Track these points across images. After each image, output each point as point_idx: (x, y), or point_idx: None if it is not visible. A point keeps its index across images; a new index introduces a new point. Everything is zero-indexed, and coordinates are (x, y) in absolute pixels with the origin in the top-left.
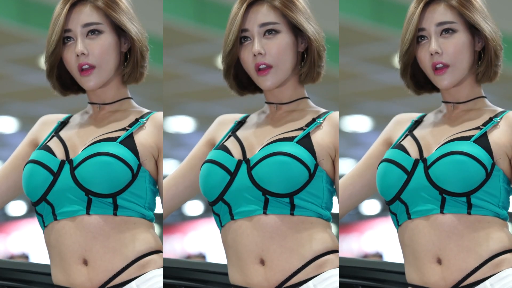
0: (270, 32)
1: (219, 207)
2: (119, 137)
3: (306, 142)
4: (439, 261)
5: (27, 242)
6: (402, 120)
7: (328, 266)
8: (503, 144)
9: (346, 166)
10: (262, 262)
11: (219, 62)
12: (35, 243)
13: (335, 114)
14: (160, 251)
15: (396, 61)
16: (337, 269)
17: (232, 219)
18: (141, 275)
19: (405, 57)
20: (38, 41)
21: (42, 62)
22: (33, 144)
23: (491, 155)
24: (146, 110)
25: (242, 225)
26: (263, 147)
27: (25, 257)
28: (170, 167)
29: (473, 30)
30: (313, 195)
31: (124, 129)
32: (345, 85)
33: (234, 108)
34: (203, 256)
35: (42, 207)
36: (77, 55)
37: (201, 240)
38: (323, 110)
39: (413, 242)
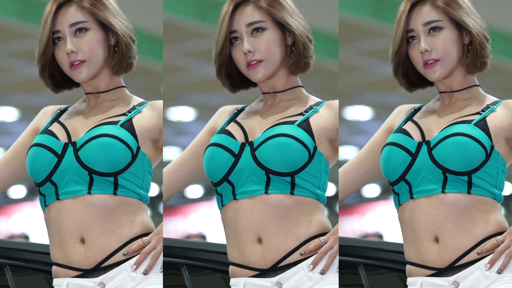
0: (257, 30)
1: (223, 187)
2: (119, 121)
3: (305, 125)
4: (437, 240)
5: (27, 223)
6: (402, 110)
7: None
8: (501, 127)
9: (348, 153)
10: (260, 240)
11: None
12: (35, 224)
13: (333, 101)
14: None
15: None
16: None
17: (235, 198)
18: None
19: (396, 57)
20: (36, 36)
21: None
22: (35, 133)
23: (490, 138)
24: (142, 100)
25: (243, 204)
26: (265, 130)
27: (25, 237)
28: (172, 154)
29: (460, 25)
30: (312, 176)
31: (123, 114)
32: (347, 77)
33: (232, 98)
34: (203, 237)
35: (46, 188)
36: (67, 54)
37: (202, 221)
38: (319, 100)
39: (413, 221)
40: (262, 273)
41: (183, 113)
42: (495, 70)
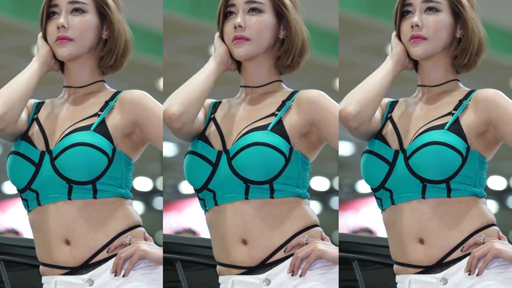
0: (254, 10)
1: (204, 194)
2: (92, 124)
3: (279, 128)
4: (421, 241)
5: (21, 219)
6: (382, 104)
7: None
8: (474, 124)
9: (344, 149)
10: (245, 242)
11: (213, 52)
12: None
13: (302, 93)
14: (139, 225)
15: (389, 50)
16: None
17: (216, 204)
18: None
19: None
20: (32, 32)
21: (36, 52)
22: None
23: (465, 139)
24: (115, 91)
25: (225, 210)
26: (240, 137)
27: (15, 232)
28: (167, 150)
29: (457, 16)
30: (290, 178)
31: (96, 114)
32: (343, 73)
33: (226, 94)
34: (197, 232)
35: (27, 194)
36: (58, 27)
37: (196, 217)
38: (292, 91)
39: (396, 225)
40: (250, 270)
41: None
42: (489, 65)
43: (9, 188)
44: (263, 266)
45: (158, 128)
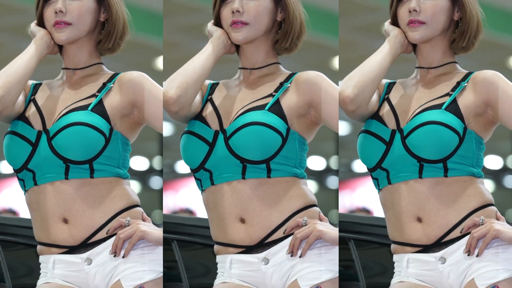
0: None
1: (201, 173)
2: (90, 104)
3: (276, 108)
4: (419, 220)
5: (17, 198)
6: (379, 86)
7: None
8: (471, 105)
9: (341, 128)
10: (242, 220)
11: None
12: (24, 199)
13: (301, 74)
14: (137, 205)
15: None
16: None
17: (213, 184)
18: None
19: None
20: (29, 11)
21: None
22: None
23: (462, 119)
24: (113, 73)
25: (221, 189)
26: (237, 116)
27: (13, 212)
28: (165, 130)
29: None
30: (287, 158)
31: (93, 95)
32: (339, 52)
33: (223, 73)
34: (193, 212)
35: (24, 174)
36: (56, 12)
37: (192, 196)
38: (290, 73)
39: (394, 204)
40: (248, 249)
41: None
42: (487, 45)
43: (5, 167)
44: (262, 245)
45: (156, 109)
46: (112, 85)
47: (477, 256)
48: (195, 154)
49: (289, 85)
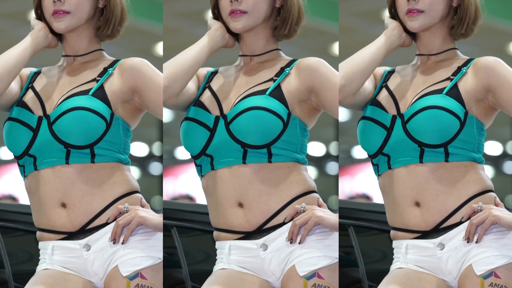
0: None
1: (202, 159)
2: (91, 89)
3: (277, 93)
4: (418, 204)
5: (17, 185)
6: (376, 73)
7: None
8: (472, 90)
9: (342, 115)
10: (241, 205)
11: (208, 16)
12: (24, 186)
13: (302, 60)
14: (137, 191)
15: (384, 16)
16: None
17: (213, 169)
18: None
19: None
20: None
21: (31, 17)
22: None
23: (463, 104)
24: (114, 59)
25: (221, 174)
26: (238, 101)
27: (13, 198)
28: (165, 116)
29: None
30: (288, 142)
31: (94, 80)
32: (340, 38)
33: (220, 59)
34: (193, 198)
35: (25, 160)
36: (54, 1)
37: (191, 183)
38: (291, 59)
39: (393, 189)
40: (247, 235)
41: None
42: (486, 31)
43: (5, 153)
44: (260, 231)
45: (157, 95)
46: (113, 70)
47: (476, 242)
48: (196, 140)
49: (290, 70)
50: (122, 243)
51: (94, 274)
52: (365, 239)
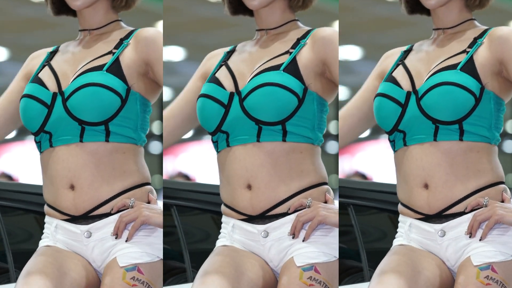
0: None
1: (218, 136)
2: (105, 64)
3: (292, 67)
4: (426, 186)
5: (17, 164)
6: (392, 54)
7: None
8: (487, 63)
9: (342, 93)
10: (250, 187)
11: None
12: (24, 164)
13: (318, 31)
14: (146, 183)
15: None
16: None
17: (228, 146)
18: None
19: None
20: None
21: None
22: (26, 78)
23: (479, 80)
24: (131, 29)
25: (236, 151)
26: (252, 77)
27: (8, 177)
28: (165, 94)
29: None
30: (304, 118)
31: (110, 52)
32: (340, 17)
33: (223, 38)
34: (192, 177)
35: (41, 136)
36: None
37: (191, 161)
38: (308, 29)
39: (405, 166)
40: (250, 218)
41: (173, 53)
42: (487, 9)
43: None
44: (263, 217)
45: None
46: (129, 41)
47: (480, 240)
48: (211, 117)
49: (306, 41)
50: (126, 241)
51: (93, 261)
52: (364, 218)
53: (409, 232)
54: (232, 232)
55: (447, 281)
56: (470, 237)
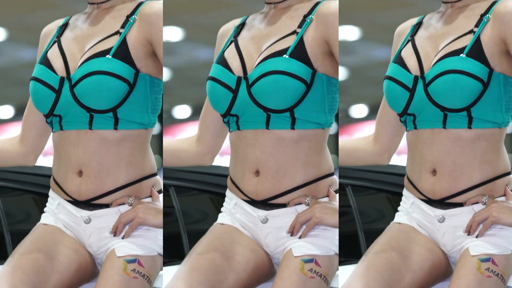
0: None
1: (228, 118)
2: (112, 47)
3: (299, 51)
4: (434, 173)
5: None
6: (402, 31)
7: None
8: (494, 44)
9: (341, 74)
10: (257, 173)
11: None
12: None
13: (322, 5)
14: (151, 175)
15: None
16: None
17: (239, 129)
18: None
19: None
20: None
21: None
22: None
23: (487, 63)
24: (138, 1)
25: (247, 135)
26: (259, 62)
27: None
28: (164, 74)
29: None
30: (314, 103)
31: (117, 32)
32: None
33: (222, 19)
34: None
35: (51, 118)
36: None
37: None
38: (314, 2)
39: (417, 149)
40: (253, 202)
41: (171, 33)
42: None
43: (3, 113)
44: (265, 204)
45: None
46: (135, 17)
47: (476, 237)
48: (220, 101)
49: (312, 17)
50: (123, 238)
51: (89, 246)
52: (362, 199)
53: (411, 210)
54: (234, 210)
55: (440, 266)
56: (468, 235)
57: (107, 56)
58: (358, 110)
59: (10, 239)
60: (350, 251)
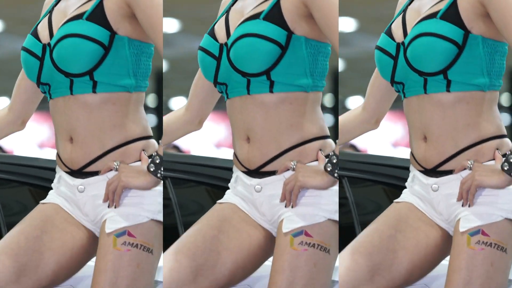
0: None
1: (218, 87)
2: (86, 11)
3: (274, 14)
4: (425, 139)
5: (10, 136)
6: (401, 1)
7: (304, 157)
8: (471, 6)
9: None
10: (248, 140)
11: None
12: (17, 137)
13: None
14: (140, 138)
15: None
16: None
17: (228, 97)
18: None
19: None
20: None
21: None
22: None
23: (462, 25)
24: None
25: (234, 103)
26: (237, 26)
27: (0, 149)
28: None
29: None
30: (292, 65)
31: None
32: None
33: (217, 9)
34: (186, 150)
35: (42, 87)
36: None
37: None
38: None
39: (408, 118)
40: (248, 172)
41: (168, 25)
42: None
43: None
44: (258, 173)
45: (153, 11)
46: None
47: (469, 206)
48: (207, 69)
49: None
50: (115, 207)
51: (85, 215)
52: (359, 191)
53: (412, 183)
54: (235, 183)
55: (437, 244)
56: (462, 205)
57: (80, 19)
58: (355, 101)
59: (7, 231)
60: (346, 243)
